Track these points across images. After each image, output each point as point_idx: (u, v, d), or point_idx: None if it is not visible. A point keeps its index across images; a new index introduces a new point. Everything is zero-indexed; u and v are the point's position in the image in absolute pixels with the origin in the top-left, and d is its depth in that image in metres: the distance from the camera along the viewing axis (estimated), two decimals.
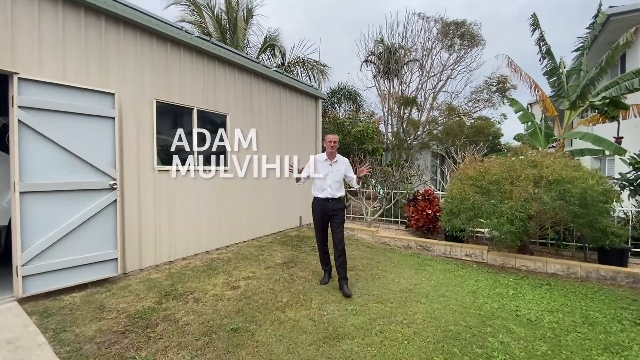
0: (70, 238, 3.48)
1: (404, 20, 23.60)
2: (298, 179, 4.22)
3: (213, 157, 5.48)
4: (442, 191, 7.66)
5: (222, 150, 5.55)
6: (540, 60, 7.51)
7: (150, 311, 3.27)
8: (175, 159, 4.82)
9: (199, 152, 5.10)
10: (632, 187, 5.95)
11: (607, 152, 6.62)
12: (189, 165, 4.95)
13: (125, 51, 4.06)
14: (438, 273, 4.78)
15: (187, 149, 4.96)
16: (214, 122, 5.46)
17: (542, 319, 3.37)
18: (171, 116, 4.84)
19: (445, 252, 5.83)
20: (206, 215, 5.19)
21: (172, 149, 4.86)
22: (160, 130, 4.57)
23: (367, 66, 16.96)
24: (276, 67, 10.25)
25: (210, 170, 5.26)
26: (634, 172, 6.03)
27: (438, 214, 6.33)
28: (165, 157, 4.68)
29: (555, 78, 7.21)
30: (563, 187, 4.74)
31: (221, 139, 5.54)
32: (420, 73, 15.52)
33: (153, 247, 4.42)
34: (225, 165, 5.55)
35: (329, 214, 4.00)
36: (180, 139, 4.89)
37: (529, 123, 6.93)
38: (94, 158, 3.62)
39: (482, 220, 5.40)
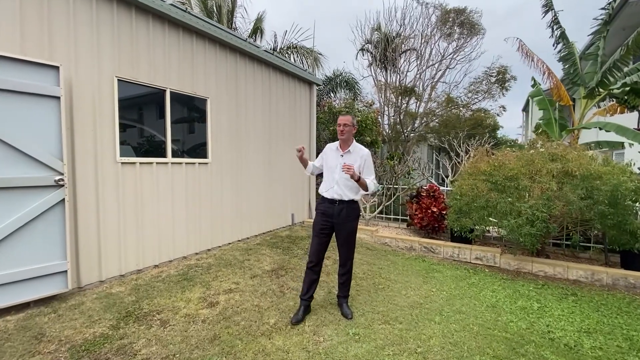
0: (1, 248, 2.76)
1: (402, 7, 22.87)
2: (306, 164, 3.26)
3: (191, 148, 4.76)
4: (447, 187, 7.08)
5: (201, 140, 4.84)
6: (553, 45, 6.91)
7: (102, 340, 2.60)
8: (145, 149, 4.12)
9: (174, 141, 4.38)
10: None
11: (626, 145, 6.08)
12: (162, 156, 4.23)
13: (76, 15, 3.30)
14: (449, 281, 4.20)
15: (159, 137, 4.24)
16: (191, 106, 4.73)
17: (582, 343, 2.81)
18: (139, 98, 4.10)
19: (452, 255, 5.26)
20: (183, 214, 4.50)
21: (141, 137, 4.14)
22: (125, 115, 3.83)
23: (363, 55, 16.24)
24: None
25: (187, 163, 4.54)
26: None
27: (444, 212, 5.75)
28: (131, 147, 3.96)
29: (571, 64, 6.61)
30: (591, 183, 4.18)
31: (200, 127, 4.83)
32: (418, 62, 14.86)
33: (117, 255, 3.72)
34: (206, 156, 4.84)
35: (332, 222, 3.01)
36: (150, 126, 4.18)
37: (545, 111, 6.35)
38: (32, 147, 2.89)
39: (492, 219, 4.85)
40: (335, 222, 3.00)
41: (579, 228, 5.13)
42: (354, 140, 3.12)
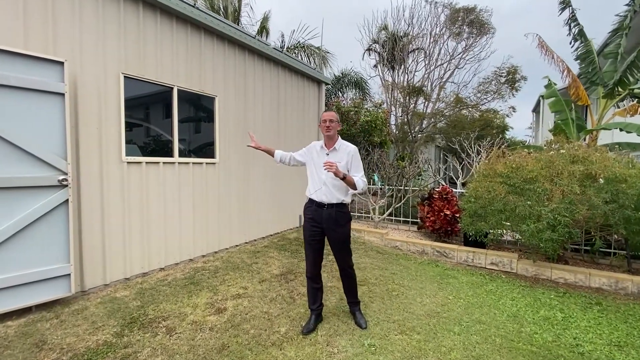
0: (1, 251, 2.65)
1: (411, 6, 22.63)
2: (271, 153, 3.10)
3: (198, 147, 4.64)
4: (458, 188, 6.89)
5: (209, 139, 4.71)
6: (570, 43, 6.69)
7: (105, 349, 2.47)
8: (151, 148, 4.00)
9: (181, 141, 4.26)
10: None
11: None
12: (168, 156, 4.11)
13: (81, 9, 3.19)
14: (465, 288, 4.02)
15: (166, 136, 4.13)
16: (199, 105, 4.61)
17: (614, 358, 2.62)
18: (145, 96, 3.98)
19: (467, 260, 5.07)
20: (190, 215, 4.38)
21: (147, 136, 4.03)
22: (131, 114, 3.72)
23: (370, 55, 16.09)
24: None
25: (194, 163, 4.42)
26: None
27: (457, 215, 5.57)
28: (137, 146, 3.85)
29: (589, 62, 6.39)
30: (616, 187, 3.98)
31: (208, 126, 4.71)
32: (427, 62, 14.65)
33: (121, 257, 3.61)
34: (213, 156, 4.72)
35: (322, 227, 2.78)
36: (156, 124, 4.06)
37: (562, 112, 6.14)
38: (35, 146, 2.78)
39: (508, 223, 4.65)
40: (325, 227, 2.77)
41: (599, 233, 4.92)
42: (339, 137, 2.90)
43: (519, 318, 3.28)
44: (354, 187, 2.71)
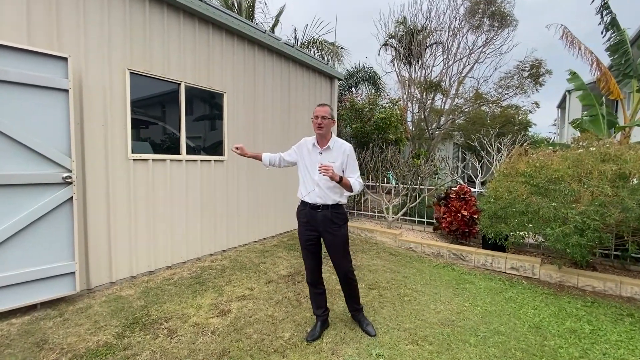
0: (5, 248, 2.65)
1: None
2: (258, 157, 2.90)
3: (206, 144, 4.57)
4: (477, 188, 6.58)
5: (217, 136, 4.64)
6: (602, 33, 6.25)
7: (105, 350, 2.42)
8: (158, 145, 3.95)
9: (189, 138, 4.20)
10: None
11: None
12: (176, 153, 4.06)
13: (86, 3, 3.14)
14: (483, 294, 3.79)
15: (173, 133, 4.07)
16: (207, 101, 4.53)
17: None
18: (152, 92, 3.92)
19: (485, 264, 4.81)
20: (197, 213, 4.32)
21: (154, 133, 3.98)
22: (137, 110, 3.67)
23: (386, 50, 15.74)
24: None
25: (202, 160, 4.35)
26: None
27: (475, 216, 5.29)
28: (144, 143, 3.80)
29: (622, 53, 5.94)
30: None
31: (216, 122, 4.63)
32: (445, 56, 14.17)
33: (127, 256, 3.58)
34: (222, 154, 4.64)
35: (318, 230, 2.62)
36: (163, 121, 4.01)
37: (591, 107, 5.73)
38: (38, 143, 2.75)
39: (529, 225, 4.36)
40: (322, 230, 2.60)
41: (632, 238, 4.54)
42: (333, 135, 2.68)
43: (542, 329, 3.03)
44: (350, 189, 2.53)
